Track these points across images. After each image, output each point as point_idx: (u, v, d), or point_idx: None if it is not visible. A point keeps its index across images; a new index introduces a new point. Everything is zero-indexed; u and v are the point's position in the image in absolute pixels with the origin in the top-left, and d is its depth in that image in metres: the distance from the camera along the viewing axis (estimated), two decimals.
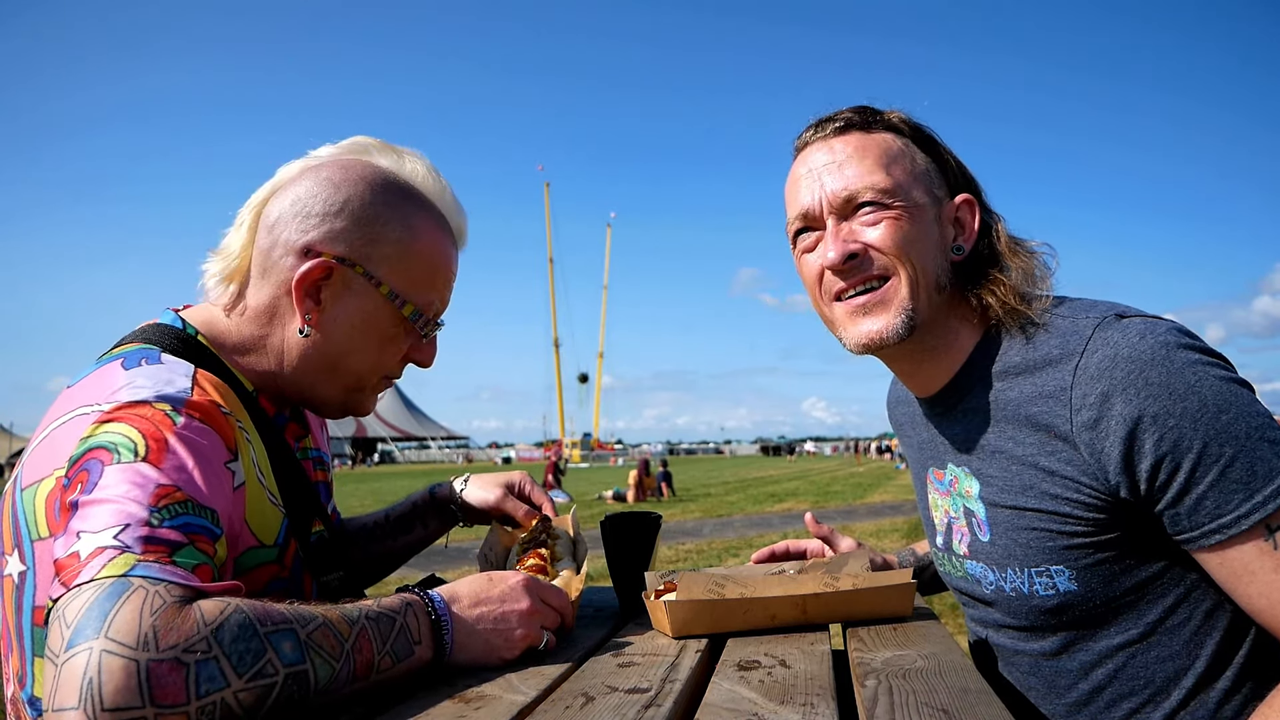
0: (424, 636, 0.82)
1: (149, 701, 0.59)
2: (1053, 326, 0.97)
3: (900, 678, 0.80)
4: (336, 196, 0.97)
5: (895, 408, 1.34)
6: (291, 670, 0.68)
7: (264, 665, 0.66)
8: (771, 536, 9.14)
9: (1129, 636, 0.96)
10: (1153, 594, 0.95)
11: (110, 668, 0.59)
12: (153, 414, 0.80)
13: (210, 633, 0.64)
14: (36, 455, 0.84)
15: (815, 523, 1.36)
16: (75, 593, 0.64)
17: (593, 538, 1.22)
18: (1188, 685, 0.94)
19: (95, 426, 0.79)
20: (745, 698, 0.75)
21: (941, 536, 1.16)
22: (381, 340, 1.01)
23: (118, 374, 0.86)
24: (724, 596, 1.00)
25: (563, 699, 0.77)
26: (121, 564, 0.66)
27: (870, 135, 1.05)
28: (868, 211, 1.01)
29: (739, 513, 12.74)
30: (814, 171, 1.05)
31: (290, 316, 0.98)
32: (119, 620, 0.61)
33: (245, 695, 0.64)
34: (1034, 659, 1.04)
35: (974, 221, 1.07)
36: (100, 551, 0.67)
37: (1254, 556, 0.84)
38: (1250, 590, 0.86)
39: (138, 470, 0.74)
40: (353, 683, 0.74)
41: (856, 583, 1.03)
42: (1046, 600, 0.98)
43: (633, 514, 1.20)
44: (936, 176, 1.07)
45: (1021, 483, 0.98)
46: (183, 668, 0.61)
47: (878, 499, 14.92)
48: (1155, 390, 0.86)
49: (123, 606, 0.62)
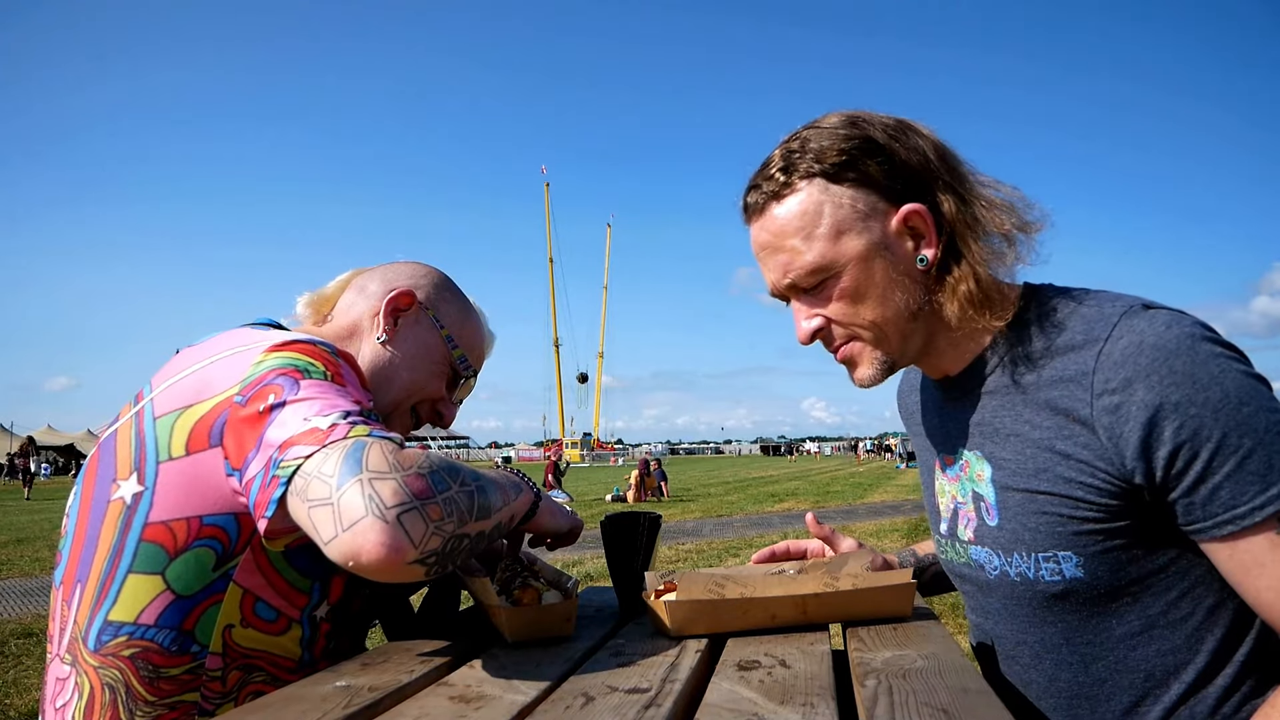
0: (524, 486, 1.04)
1: (413, 498, 0.77)
2: (1078, 313, 0.98)
3: (900, 678, 0.80)
4: (417, 273, 1.27)
5: (907, 396, 1.34)
6: (477, 484, 0.86)
7: (462, 477, 0.85)
8: (771, 536, 9.14)
9: (1131, 628, 0.96)
10: (1157, 586, 0.95)
11: (379, 486, 0.76)
12: (319, 351, 0.95)
13: (427, 458, 0.82)
14: (179, 388, 0.95)
15: (816, 523, 1.36)
16: (325, 452, 0.79)
17: (593, 538, 1.22)
18: (1188, 680, 0.94)
19: (268, 354, 0.93)
20: (745, 698, 0.75)
21: (946, 523, 1.16)
22: (431, 368, 1.21)
23: (254, 331, 1.02)
24: (724, 596, 1.00)
25: (563, 699, 0.77)
26: (362, 429, 0.83)
27: (783, 204, 1.02)
28: (817, 288, 1.03)
29: (739, 513, 12.74)
30: (759, 256, 1.08)
31: (370, 332, 1.19)
32: (372, 459, 0.78)
33: (461, 496, 0.83)
34: (1035, 651, 1.05)
35: (930, 225, 1.01)
36: (336, 426, 0.82)
37: (1265, 549, 0.85)
38: (1259, 584, 0.86)
39: (332, 386, 0.90)
40: (504, 509, 0.92)
41: (856, 583, 1.03)
42: (1052, 586, 0.98)
43: (633, 514, 1.20)
44: (867, 202, 1.00)
45: (1035, 465, 0.98)
46: (423, 476, 0.79)
47: (878, 499, 14.92)
48: (1179, 379, 0.87)
49: (370, 451, 0.79)
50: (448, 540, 0.79)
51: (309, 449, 0.80)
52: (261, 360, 0.92)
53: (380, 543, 0.73)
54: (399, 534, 0.74)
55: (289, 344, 0.95)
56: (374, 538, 0.73)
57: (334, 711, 0.74)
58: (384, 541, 0.73)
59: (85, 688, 0.90)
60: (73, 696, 0.91)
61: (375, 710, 0.75)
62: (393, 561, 0.74)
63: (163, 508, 0.91)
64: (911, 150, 1.01)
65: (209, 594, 0.91)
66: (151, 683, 0.90)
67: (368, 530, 0.73)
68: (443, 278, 1.29)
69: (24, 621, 5.71)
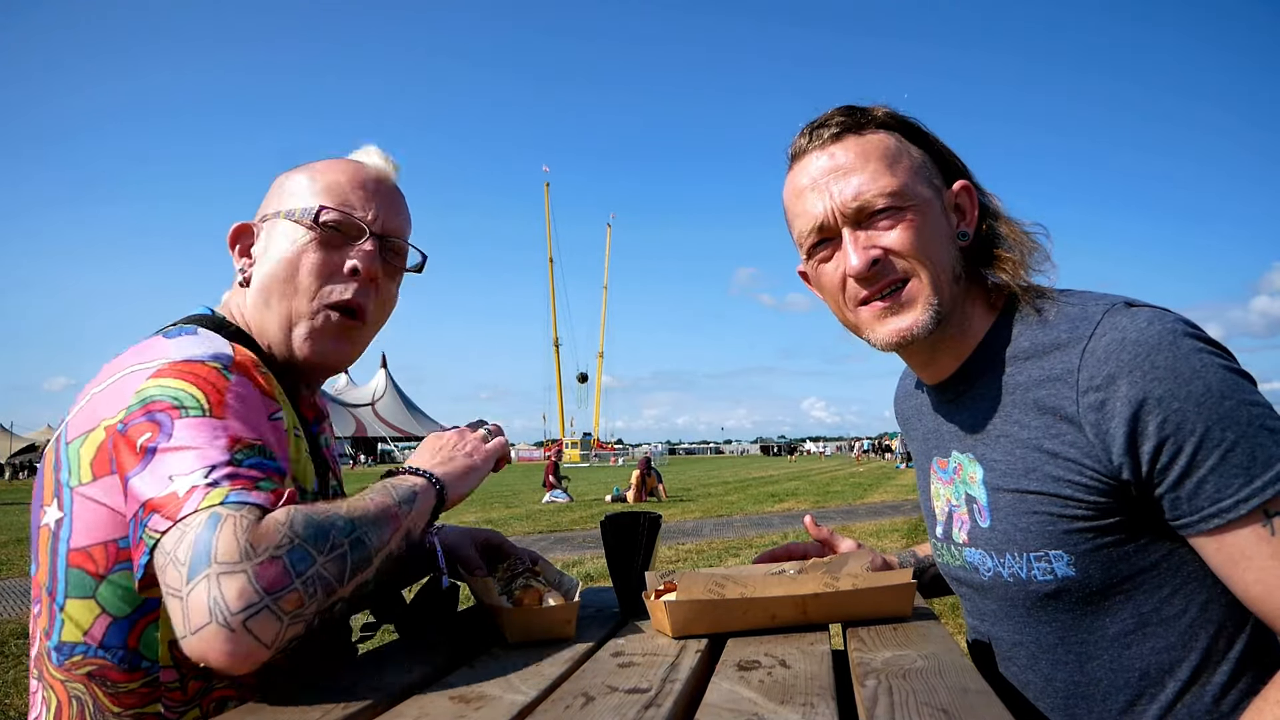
0: (419, 484, 0.96)
1: (264, 594, 0.72)
2: (1063, 313, 0.99)
3: (900, 678, 0.80)
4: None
5: (904, 401, 1.35)
6: (350, 538, 0.82)
7: (332, 539, 0.80)
8: (771, 536, 9.14)
9: (1124, 627, 0.97)
10: (1149, 583, 0.95)
11: (227, 584, 0.72)
12: (207, 371, 0.89)
13: (287, 529, 0.77)
14: (83, 413, 0.91)
15: (815, 525, 1.36)
16: (179, 531, 0.76)
17: (593, 538, 1.22)
18: (1183, 677, 0.95)
19: (151, 380, 0.88)
20: (745, 698, 0.75)
21: (941, 526, 1.16)
22: (292, 252, 1.06)
23: (161, 342, 0.95)
24: (724, 596, 1.00)
25: (563, 699, 0.77)
26: (216, 495, 0.78)
27: (866, 137, 1.05)
28: (882, 216, 1.02)
29: (739, 513, 12.74)
30: (818, 182, 1.05)
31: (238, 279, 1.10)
32: (220, 547, 0.73)
33: (329, 565, 0.78)
34: (1031, 652, 1.05)
35: (973, 206, 1.09)
36: (194, 490, 0.78)
37: (1251, 542, 0.85)
38: (1246, 576, 0.87)
39: (208, 423, 0.84)
40: (394, 537, 0.88)
41: (856, 583, 1.03)
42: (1044, 586, 0.99)
43: (633, 514, 1.20)
44: (932, 167, 1.07)
45: (1025, 465, 0.99)
46: (278, 560, 0.75)
47: (878, 499, 14.92)
48: (1161, 374, 0.87)
49: (220, 535, 0.74)
50: (315, 617, 0.77)
51: (165, 523, 0.77)
52: (143, 389, 0.87)
53: (225, 651, 0.71)
54: (245, 640, 0.71)
55: (177, 367, 0.89)
56: (219, 646, 0.71)
57: (334, 711, 0.74)
58: (229, 650, 0.71)
59: (53, 702, 0.90)
60: (41, 710, 0.91)
61: (375, 710, 0.75)
62: (243, 665, 0.72)
63: (80, 534, 0.88)
64: (951, 151, 1.11)
65: (143, 613, 0.89)
66: (114, 697, 0.89)
67: (212, 639, 0.71)
68: (282, 176, 1.14)
69: (24, 622, 5.71)
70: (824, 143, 1.06)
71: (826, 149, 1.06)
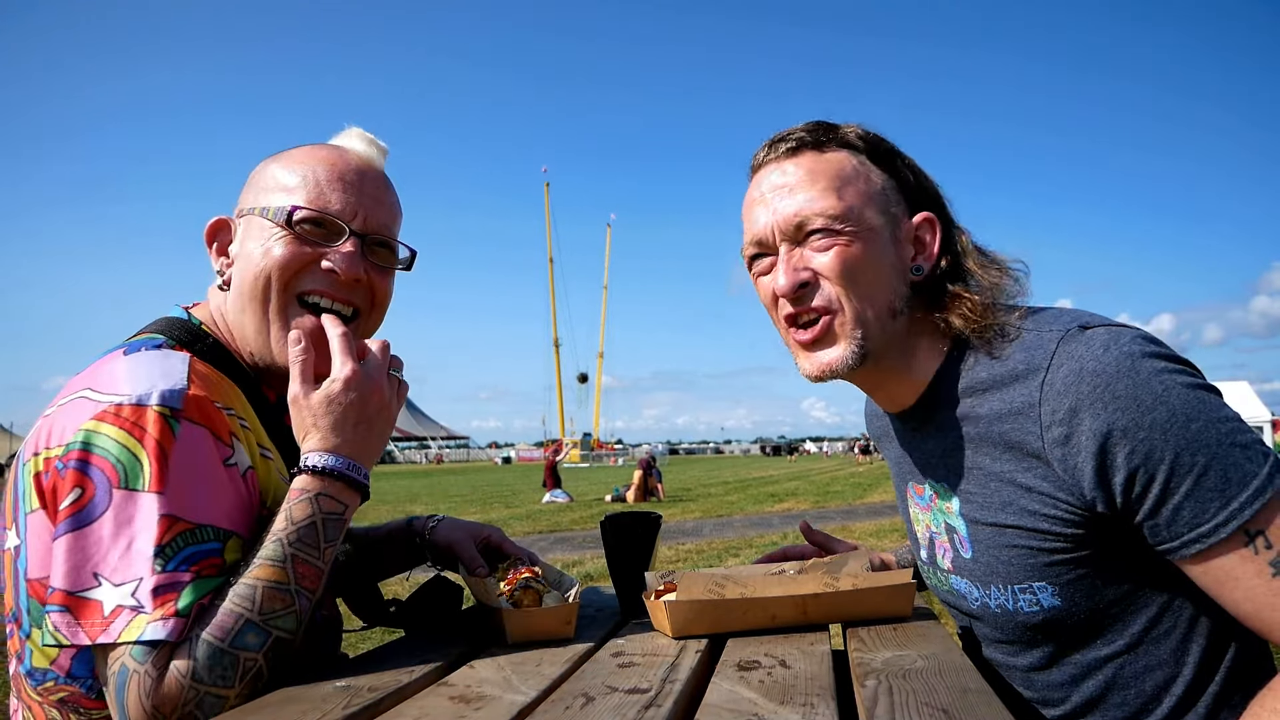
0: (346, 498, 0.92)
1: None
2: (1017, 340, 0.96)
3: (900, 678, 0.80)
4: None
5: (873, 420, 1.33)
6: (265, 649, 0.82)
7: (243, 665, 0.80)
8: (771, 536, 9.14)
9: (1116, 647, 0.96)
10: (1136, 604, 0.95)
11: None
12: (154, 425, 0.84)
13: (191, 681, 0.78)
14: (37, 434, 0.89)
15: (810, 530, 1.37)
16: (104, 663, 0.80)
17: (593, 538, 1.21)
18: (1178, 693, 0.94)
19: (97, 423, 0.84)
20: (745, 698, 0.75)
21: (925, 550, 1.15)
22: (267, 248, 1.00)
23: (118, 361, 0.92)
24: (724, 596, 1.00)
25: (563, 699, 0.77)
26: (135, 629, 0.78)
27: (823, 155, 1.02)
28: (819, 237, 0.99)
29: (739, 513, 12.73)
30: (765, 195, 1.03)
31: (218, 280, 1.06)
32: (130, 712, 0.77)
33: (245, 684, 0.79)
34: (1024, 673, 1.04)
35: (934, 240, 1.04)
36: (119, 612, 0.79)
37: (1236, 564, 0.84)
38: (1235, 596, 0.85)
39: (146, 501, 0.82)
40: (317, 594, 0.87)
41: (856, 583, 1.03)
42: (1031, 617, 0.98)
43: (633, 514, 1.20)
44: (894, 194, 1.04)
45: (1001, 499, 0.97)
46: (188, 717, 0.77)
47: (878, 499, 14.92)
48: (1123, 403, 0.85)
49: (128, 698, 0.77)
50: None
51: (84, 638, 0.78)
52: (87, 430, 0.83)
53: None
54: None
55: (123, 416, 0.84)
56: None
57: (334, 712, 0.74)
58: None
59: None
60: None
61: (375, 710, 0.75)
62: None
63: (33, 563, 0.86)
64: (925, 178, 1.07)
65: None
66: (89, 718, 0.88)
67: None
68: (260, 165, 1.08)
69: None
70: (779, 157, 1.04)
71: (780, 164, 1.04)
